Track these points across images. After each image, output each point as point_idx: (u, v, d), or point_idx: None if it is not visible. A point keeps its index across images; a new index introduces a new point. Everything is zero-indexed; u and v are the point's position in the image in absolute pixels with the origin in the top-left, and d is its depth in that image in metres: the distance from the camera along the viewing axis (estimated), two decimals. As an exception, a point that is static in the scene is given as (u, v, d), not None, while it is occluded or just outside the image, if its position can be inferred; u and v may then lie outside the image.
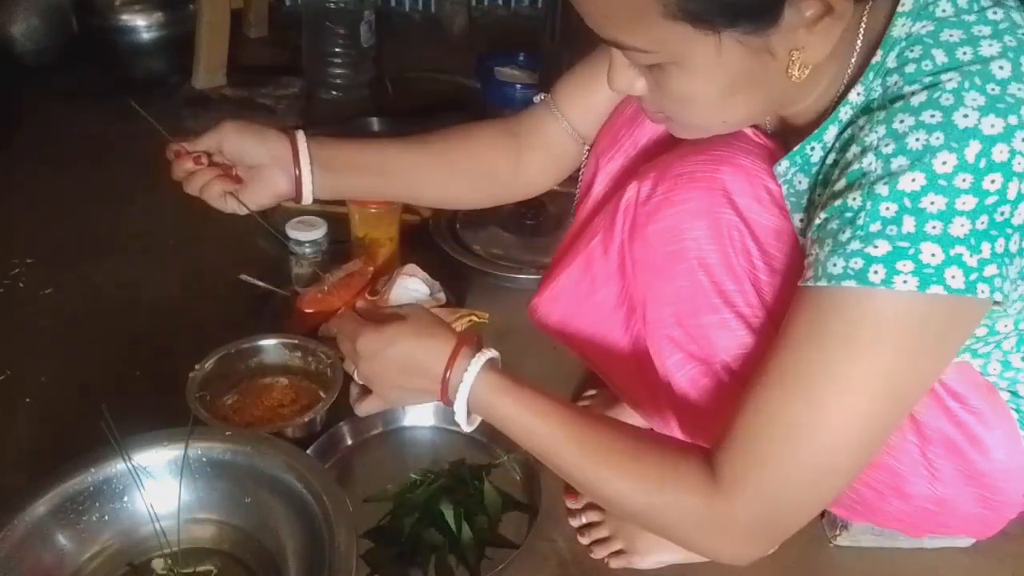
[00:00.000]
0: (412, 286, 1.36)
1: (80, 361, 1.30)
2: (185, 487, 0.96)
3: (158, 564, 0.95)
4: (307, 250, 1.37)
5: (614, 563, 1.03)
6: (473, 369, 0.78)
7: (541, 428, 0.77)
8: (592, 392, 1.25)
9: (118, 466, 0.94)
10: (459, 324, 1.31)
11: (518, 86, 2.00)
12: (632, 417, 1.13)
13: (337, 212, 1.53)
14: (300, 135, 0.93)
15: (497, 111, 1.99)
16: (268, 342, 1.22)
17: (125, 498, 0.95)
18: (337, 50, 2.11)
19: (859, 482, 0.83)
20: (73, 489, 0.92)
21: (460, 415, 0.80)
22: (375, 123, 1.78)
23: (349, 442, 1.17)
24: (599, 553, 1.04)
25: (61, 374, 1.28)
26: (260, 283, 1.40)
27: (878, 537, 1.04)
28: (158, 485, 0.96)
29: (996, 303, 0.65)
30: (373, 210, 1.43)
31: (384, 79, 2.17)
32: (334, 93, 2.14)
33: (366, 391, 0.87)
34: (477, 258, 1.50)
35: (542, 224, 1.57)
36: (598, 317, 0.93)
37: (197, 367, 1.15)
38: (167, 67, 2.09)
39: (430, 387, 0.80)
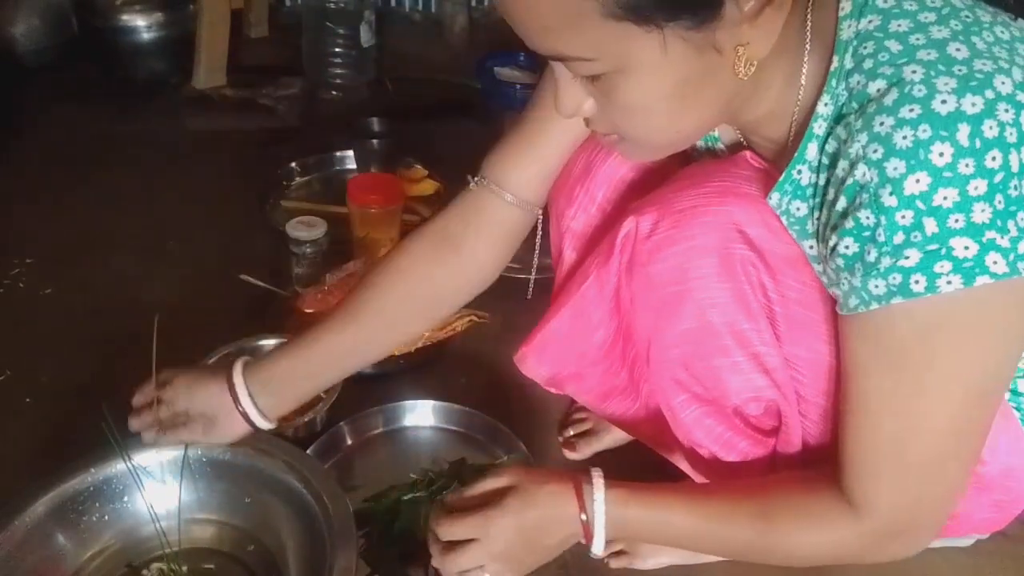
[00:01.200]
0: (412, 286, 1.36)
1: (80, 361, 1.30)
2: (185, 487, 0.96)
3: (158, 564, 0.95)
4: (307, 250, 1.37)
5: (615, 563, 1.03)
6: (600, 495, 0.79)
7: (678, 519, 0.79)
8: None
9: (118, 466, 0.94)
10: (459, 324, 1.31)
11: (518, 86, 2.00)
12: (617, 431, 1.13)
13: (337, 212, 1.54)
14: (236, 373, 0.92)
15: (497, 111, 1.99)
16: (268, 342, 1.22)
17: (125, 498, 0.95)
18: (337, 50, 2.10)
19: None
20: (73, 489, 0.92)
21: (598, 545, 0.81)
22: (375, 123, 1.78)
23: (349, 442, 1.17)
24: (599, 553, 1.03)
25: (61, 374, 1.28)
26: (260, 283, 1.40)
27: (878, 537, 1.04)
28: (158, 485, 0.96)
29: None
30: (373, 210, 1.43)
31: (384, 79, 2.17)
32: (334, 93, 2.13)
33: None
34: (477, 258, 1.50)
35: (543, 223, 1.56)
36: (595, 357, 0.90)
37: (197, 367, 1.14)
38: (167, 67, 2.09)
39: (570, 530, 0.81)
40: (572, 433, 1.20)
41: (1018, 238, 0.62)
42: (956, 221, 0.61)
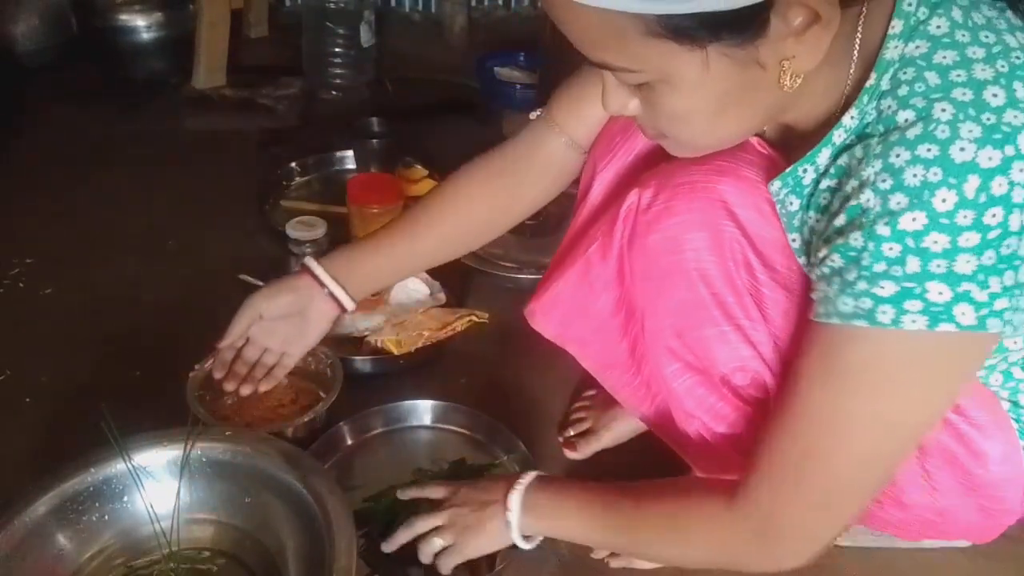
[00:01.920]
0: (412, 286, 1.36)
1: (80, 361, 1.30)
2: (185, 487, 0.96)
3: (158, 564, 0.95)
4: (307, 250, 1.37)
5: (614, 563, 1.03)
6: (527, 478, 0.90)
7: (586, 533, 0.87)
8: (591, 392, 1.25)
9: (118, 466, 0.94)
10: (459, 324, 1.31)
11: (518, 86, 2.00)
12: (630, 419, 1.14)
13: (337, 212, 1.54)
14: (311, 263, 1.06)
15: (497, 111, 1.99)
16: (268, 342, 1.22)
17: (125, 498, 0.95)
18: (337, 50, 2.11)
19: None
20: (73, 489, 0.92)
21: (514, 517, 0.89)
22: (375, 123, 1.78)
23: (349, 442, 1.17)
24: (599, 553, 1.04)
25: (61, 374, 1.28)
26: (260, 283, 1.39)
27: (878, 537, 1.04)
28: (158, 485, 0.96)
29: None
30: (373, 210, 1.43)
31: (384, 79, 2.17)
32: (334, 93, 2.14)
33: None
34: (477, 258, 1.50)
35: (542, 224, 1.56)
36: (597, 323, 0.92)
37: (197, 367, 1.14)
38: (167, 67, 2.09)
39: (496, 499, 0.90)
40: (572, 433, 1.20)
41: (999, 295, 0.62)
42: (938, 266, 0.62)
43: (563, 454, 1.18)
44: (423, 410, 1.21)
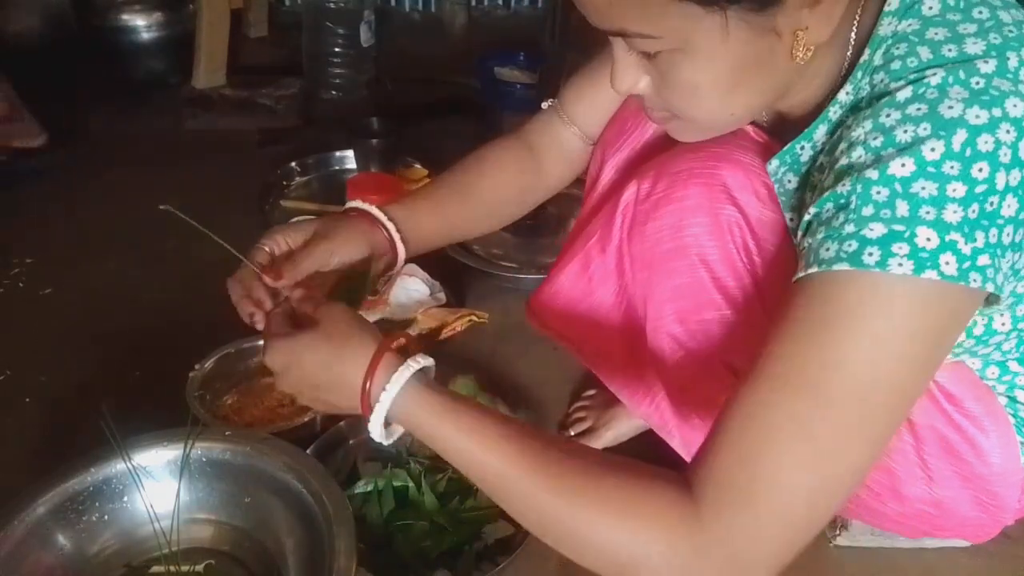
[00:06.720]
0: (412, 286, 1.36)
1: (80, 361, 1.30)
2: (185, 487, 0.96)
3: (157, 564, 0.95)
4: (307, 250, 1.37)
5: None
6: (398, 380, 0.70)
7: (480, 453, 0.67)
8: (591, 392, 1.25)
9: (118, 466, 0.94)
10: (459, 324, 1.31)
11: (518, 86, 2.00)
12: (631, 418, 1.14)
13: (337, 212, 1.53)
14: (375, 211, 0.97)
15: (497, 111, 1.99)
16: (268, 342, 1.22)
17: (125, 498, 0.95)
18: (337, 50, 2.11)
19: None
20: (73, 489, 0.92)
21: (375, 429, 0.72)
22: (375, 123, 1.78)
23: (349, 442, 1.17)
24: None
25: (61, 374, 1.28)
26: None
27: (878, 537, 1.04)
28: (158, 485, 0.96)
29: (993, 297, 0.64)
30: (373, 210, 1.43)
31: (384, 79, 2.17)
32: (334, 93, 2.13)
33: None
34: (477, 258, 1.50)
35: (542, 224, 1.57)
36: (596, 317, 0.93)
37: (197, 367, 1.15)
38: (167, 67, 2.09)
39: (351, 403, 0.72)
40: (573, 433, 1.20)
41: (981, 250, 0.61)
42: (928, 213, 0.61)
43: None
44: (423, 410, 1.20)
